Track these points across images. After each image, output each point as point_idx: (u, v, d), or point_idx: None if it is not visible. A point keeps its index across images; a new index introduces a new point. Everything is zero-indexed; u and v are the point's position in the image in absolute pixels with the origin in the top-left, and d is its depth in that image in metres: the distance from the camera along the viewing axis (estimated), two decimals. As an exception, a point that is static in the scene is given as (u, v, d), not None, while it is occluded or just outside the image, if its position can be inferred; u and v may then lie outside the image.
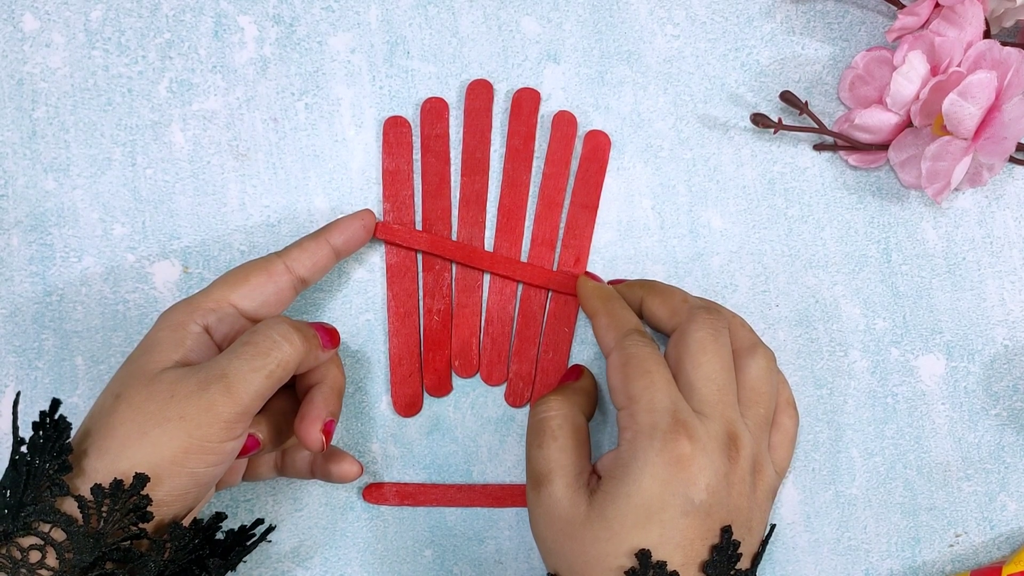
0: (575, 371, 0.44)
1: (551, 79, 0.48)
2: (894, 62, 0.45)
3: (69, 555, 0.34)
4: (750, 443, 0.38)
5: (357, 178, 0.47)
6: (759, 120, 0.46)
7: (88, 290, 0.46)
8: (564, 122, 0.47)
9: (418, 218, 0.47)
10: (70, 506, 0.34)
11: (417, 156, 0.47)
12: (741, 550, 0.37)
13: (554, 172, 0.47)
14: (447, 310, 0.46)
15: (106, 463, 0.35)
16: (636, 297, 0.43)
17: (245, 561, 0.42)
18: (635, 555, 0.35)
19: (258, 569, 0.45)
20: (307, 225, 0.47)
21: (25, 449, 0.36)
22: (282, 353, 0.37)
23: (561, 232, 0.47)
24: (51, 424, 0.36)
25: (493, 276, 0.46)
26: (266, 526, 0.41)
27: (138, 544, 0.35)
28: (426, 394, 0.46)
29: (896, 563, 0.45)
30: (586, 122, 0.48)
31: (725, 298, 0.47)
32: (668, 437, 0.36)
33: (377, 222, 0.46)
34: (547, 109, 0.48)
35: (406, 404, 0.46)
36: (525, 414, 0.46)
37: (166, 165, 0.47)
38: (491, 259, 0.46)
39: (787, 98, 0.47)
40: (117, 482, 0.34)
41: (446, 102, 0.47)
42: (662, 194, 0.47)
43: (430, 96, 0.47)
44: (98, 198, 0.47)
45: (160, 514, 0.36)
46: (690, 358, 0.39)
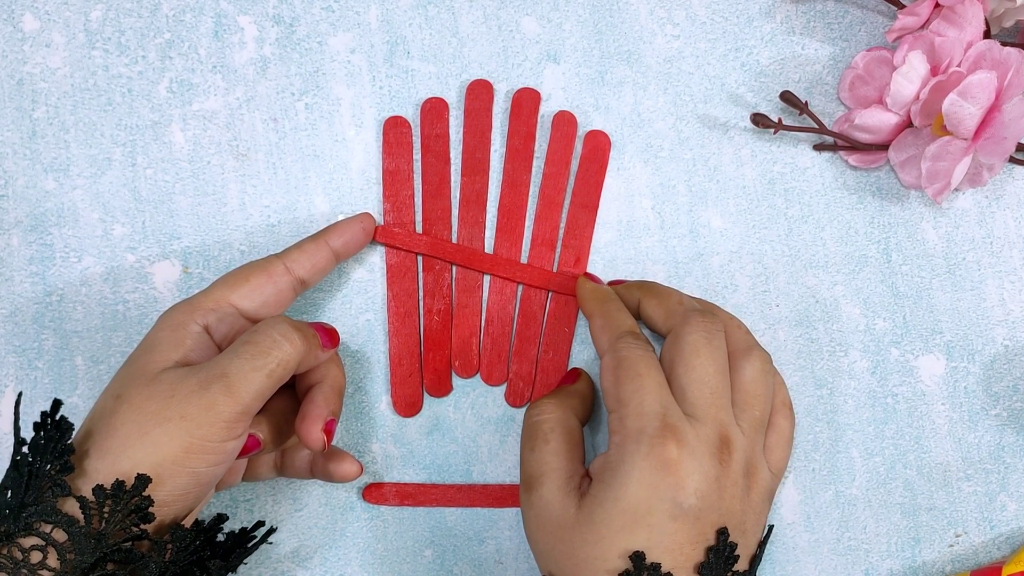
0: (573, 374, 0.44)
1: (551, 79, 0.48)
2: (894, 62, 0.45)
3: (70, 556, 0.34)
4: (743, 446, 0.38)
5: (357, 178, 0.47)
6: (759, 120, 0.46)
7: (88, 290, 0.46)
8: (564, 122, 0.47)
9: (418, 218, 0.47)
10: (71, 507, 0.34)
11: (417, 156, 0.47)
12: (738, 552, 0.37)
13: (554, 172, 0.47)
14: (447, 310, 0.46)
15: (107, 463, 0.35)
16: (634, 299, 0.43)
17: (245, 563, 0.42)
18: (629, 557, 0.35)
19: (258, 569, 0.45)
20: (307, 225, 0.47)
21: (26, 450, 0.36)
22: (282, 352, 0.37)
23: (561, 232, 0.47)
24: (52, 425, 0.36)
25: (493, 277, 0.46)
26: (267, 528, 0.41)
27: (139, 545, 0.35)
28: (426, 394, 0.46)
29: (896, 563, 0.45)
30: (586, 122, 0.48)
31: (725, 298, 0.47)
32: (655, 441, 0.36)
33: (377, 226, 0.46)
34: (547, 109, 0.48)
35: (406, 404, 0.46)
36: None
37: (166, 165, 0.47)
38: (491, 261, 0.46)
39: (787, 98, 0.47)
40: (119, 483, 0.34)
41: (446, 102, 0.47)
42: (662, 194, 0.47)
43: (430, 96, 0.47)
44: (98, 198, 0.47)
45: (161, 515, 0.36)
46: (683, 361, 0.39)
